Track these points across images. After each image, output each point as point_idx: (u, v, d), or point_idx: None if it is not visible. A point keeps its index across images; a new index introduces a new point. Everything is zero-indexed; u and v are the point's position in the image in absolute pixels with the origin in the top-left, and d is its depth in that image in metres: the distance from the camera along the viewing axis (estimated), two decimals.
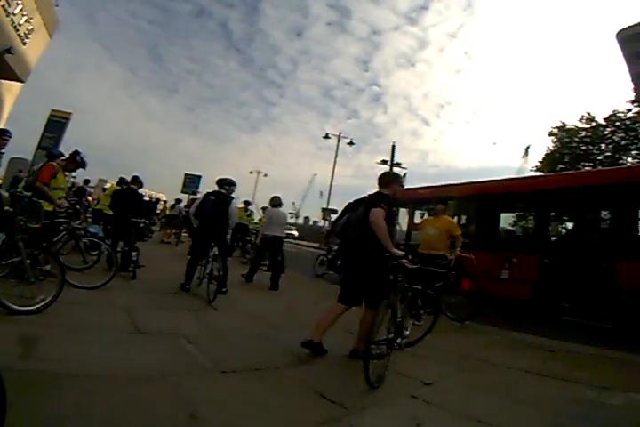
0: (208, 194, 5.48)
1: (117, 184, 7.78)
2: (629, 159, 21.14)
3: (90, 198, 10.48)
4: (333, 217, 14.47)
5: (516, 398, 2.68)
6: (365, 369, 2.52)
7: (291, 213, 71.06)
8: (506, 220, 8.41)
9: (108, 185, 8.19)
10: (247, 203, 12.47)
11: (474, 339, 4.39)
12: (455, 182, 9.09)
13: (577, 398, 2.76)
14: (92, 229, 5.57)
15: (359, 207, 3.31)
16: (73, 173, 9.41)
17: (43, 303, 3.18)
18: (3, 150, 4.40)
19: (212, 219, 5.20)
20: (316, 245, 22.74)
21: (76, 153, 5.01)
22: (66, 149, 5.86)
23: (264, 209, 11.00)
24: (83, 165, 5.05)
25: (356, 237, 3.21)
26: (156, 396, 2.13)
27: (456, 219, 7.85)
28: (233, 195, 5.63)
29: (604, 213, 7.04)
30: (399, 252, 3.07)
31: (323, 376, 2.76)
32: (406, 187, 7.04)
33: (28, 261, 3.44)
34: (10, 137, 4.38)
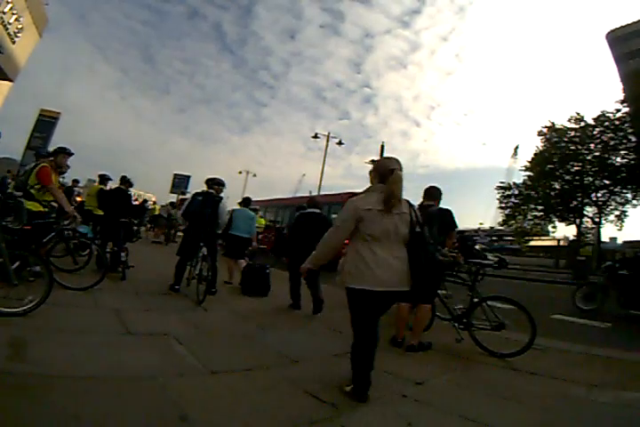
0: (196, 194, 5.45)
1: (99, 182, 7.70)
2: (618, 159, 21.45)
3: (78, 199, 10.40)
4: None
5: (505, 395, 2.69)
6: None
7: None
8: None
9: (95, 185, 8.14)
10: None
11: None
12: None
13: (566, 395, 2.78)
14: (81, 230, 5.49)
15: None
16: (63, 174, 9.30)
17: (29, 306, 3.11)
18: None
19: (201, 219, 5.17)
20: None
21: (58, 148, 4.87)
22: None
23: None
24: (64, 150, 4.81)
25: None
26: (146, 397, 2.12)
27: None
28: (222, 195, 5.60)
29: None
30: None
31: (313, 376, 2.75)
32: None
33: (18, 263, 3.38)
34: None
